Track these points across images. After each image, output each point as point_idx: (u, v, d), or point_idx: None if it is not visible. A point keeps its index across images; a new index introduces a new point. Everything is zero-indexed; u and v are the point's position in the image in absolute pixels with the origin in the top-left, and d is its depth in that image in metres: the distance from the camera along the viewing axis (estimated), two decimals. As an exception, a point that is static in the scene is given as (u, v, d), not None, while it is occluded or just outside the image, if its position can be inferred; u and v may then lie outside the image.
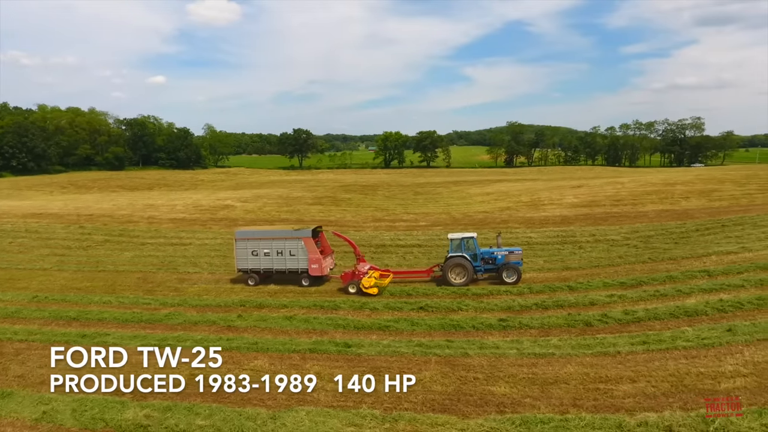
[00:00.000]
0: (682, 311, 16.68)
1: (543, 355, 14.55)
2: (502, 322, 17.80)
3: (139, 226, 47.50)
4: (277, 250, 24.83)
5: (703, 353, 13.46)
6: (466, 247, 24.00)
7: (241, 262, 25.59)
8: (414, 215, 53.68)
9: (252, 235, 26.08)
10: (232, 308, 21.48)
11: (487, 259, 23.82)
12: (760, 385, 11.42)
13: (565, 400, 11.74)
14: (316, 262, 24.31)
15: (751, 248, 24.91)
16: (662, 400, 11.31)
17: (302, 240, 24.51)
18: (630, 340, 14.95)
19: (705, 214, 42.34)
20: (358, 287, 22.47)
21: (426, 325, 18.03)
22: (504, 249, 24.32)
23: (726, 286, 18.83)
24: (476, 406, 11.81)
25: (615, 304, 18.69)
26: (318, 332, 18.15)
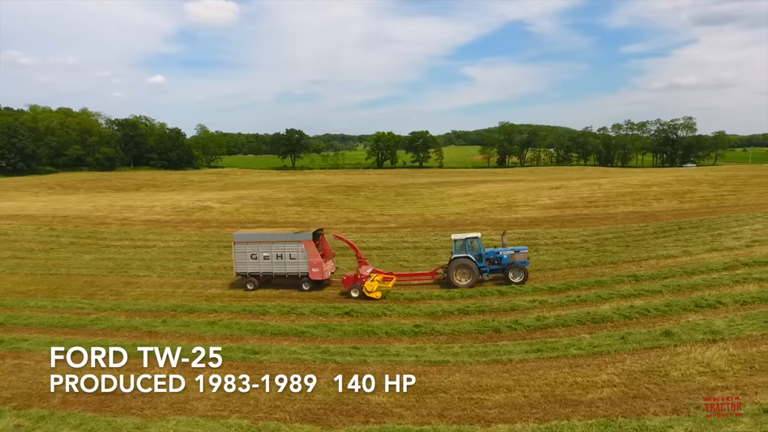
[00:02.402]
0: (590, 318, 16.62)
1: (438, 362, 14.53)
2: (416, 328, 17.77)
3: (111, 228, 47.57)
4: (277, 253, 24.35)
5: (589, 362, 13.41)
6: (470, 247, 23.51)
7: (239, 266, 25.08)
8: (387, 217, 53.66)
9: (251, 238, 25.51)
10: (162, 313, 21.49)
11: (492, 260, 23.43)
12: (624, 395, 11.37)
13: (434, 411, 11.72)
14: (317, 265, 23.75)
15: (692, 252, 24.81)
16: (525, 411, 11.27)
17: (303, 243, 23.95)
18: (527, 347, 14.91)
19: (671, 215, 42.21)
20: (360, 291, 22.12)
21: (341, 332, 18.02)
22: (509, 248, 23.94)
23: (644, 292, 18.75)
24: (346, 416, 11.80)
25: (533, 309, 18.66)
26: (234, 338, 18.17)
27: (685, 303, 16.44)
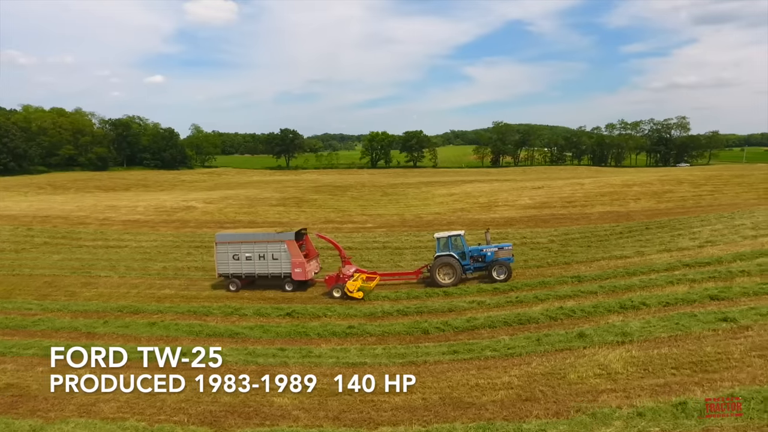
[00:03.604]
0: (517, 319, 16.60)
1: (356, 364, 14.54)
2: (349, 329, 17.78)
3: (89, 228, 47.69)
4: (260, 253, 23.99)
5: (498, 363, 13.40)
6: (454, 245, 23.22)
7: (221, 266, 24.65)
8: (366, 217, 53.69)
9: (233, 238, 24.92)
10: (107, 314, 21.53)
11: (476, 257, 23.12)
12: (516, 398, 11.35)
13: (331, 413, 11.73)
14: (300, 265, 23.42)
15: (644, 252, 24.75)
16: (417, 414, 11.27)
17: (285, 243, 23.66)
18: (446, 349, 14.90)
19: (645, 215, 42.15)
20: (343, 291, 21.88)
21: (275, 333, 18.06)
22: (493, 246, 23.63)
23: (580, 293, 18.71)
24: (244, 419, 11.82)
25: (470, 310, 18.64)
26: (169, 339, 18.20)
27: (611, 304, 16.39)
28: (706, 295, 15.69)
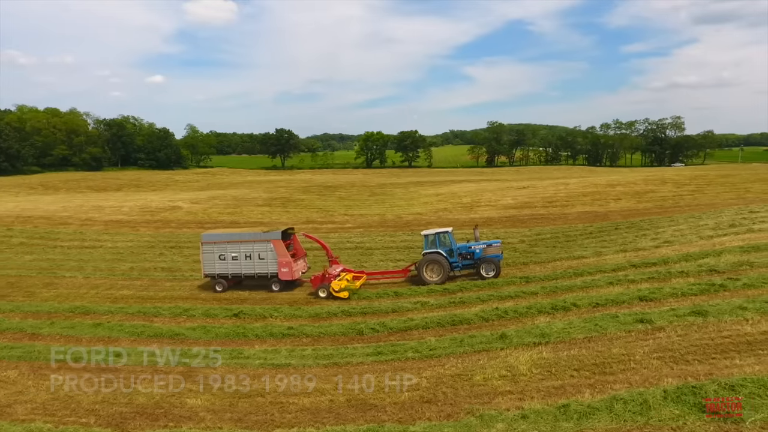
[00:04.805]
0: (450, 320, 16.55)
1: (281, 365, 14.52)
2: (288, 330, 17.79)
3: (69, 229, 47.83)
4: (246, 253, 23.71)
5: (416, 365, 13.35)
6: (441, 242, 23.00)
7: (207, 267, 24.32)
8: (348, 217, 53.71)
9: (219, 238, 24.47)
10: (57, 314, 21.57)
11: (464, 254, 22.88)
12: (419, 400, 11.29)
13: (236, 415, 11.73)
14: (286, 265, 23.09)
15: (603, 253, 24.66)
16: (318, 416, 11.23)
17: (271, 242, 23.35)
18: (373, 350, 14.88)
19: (621, 216, 42.03)
20: (328, 291, 21.67)
21: (215, 334, 18.06)
22: (482, 242, 23.42)
23: (522, 294, 18.65)
24: (151, 420, 11.81)
25: (411, 311, 18.59)
26: (110, 340, 18.22)
27: (544, 305, 16.31)
28: (636, 296, 15.59)
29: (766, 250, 18.88)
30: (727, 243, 21.40)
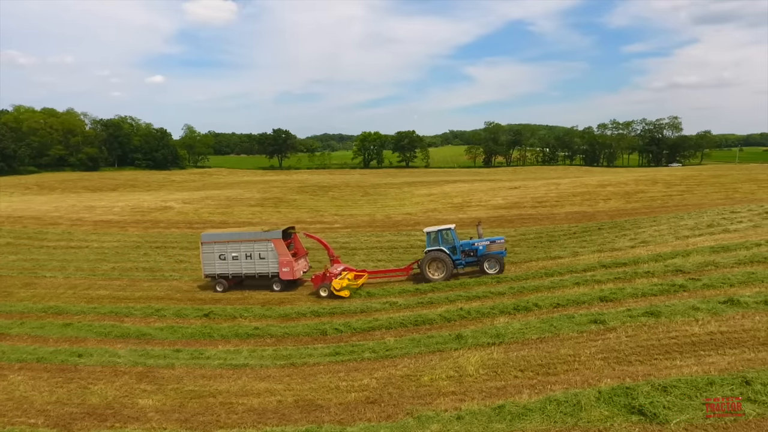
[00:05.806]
0: (413, 321, 16.52)
1: (238, 366, 14.52)
2: (254, 330, 17.80)
3: (58, 229, 47.89)
4: (246, 253, 23.54)
5: (370, 365, 13.33)
6: (444, 239, 22.76)
7: (207, 267, 24.15)
8: (338, 217, 53.73)
9: (219, 238, 24.25)
10: (30, 315, 21.60)
11: (467, 251, 22.68)
12: (364, 400, 11.25)
13: (183, 416, 11.71)
14: (287, 264, 22.89)
15: (579, 253, 24.60)
16: (263, 416, 11.20)
17: (272, 242, 23.14)
18: (331, 350, 14.87)
19: (608, 216, 41.96)
20: (329, 290, 21.56)
21: (181, 334, 18.07)
22: (485, 239, 23.20)
23: (490, 294, 18.61)
24: (99, 421, 11.81)
25: (379, 312, 18.59)
26: (77, 340, 18.22)
27: (508, 306, 16.27)
28: (598, 296, 15.53)
29: (735, 250, 18.81)
30: (699, 243, 21.34)
